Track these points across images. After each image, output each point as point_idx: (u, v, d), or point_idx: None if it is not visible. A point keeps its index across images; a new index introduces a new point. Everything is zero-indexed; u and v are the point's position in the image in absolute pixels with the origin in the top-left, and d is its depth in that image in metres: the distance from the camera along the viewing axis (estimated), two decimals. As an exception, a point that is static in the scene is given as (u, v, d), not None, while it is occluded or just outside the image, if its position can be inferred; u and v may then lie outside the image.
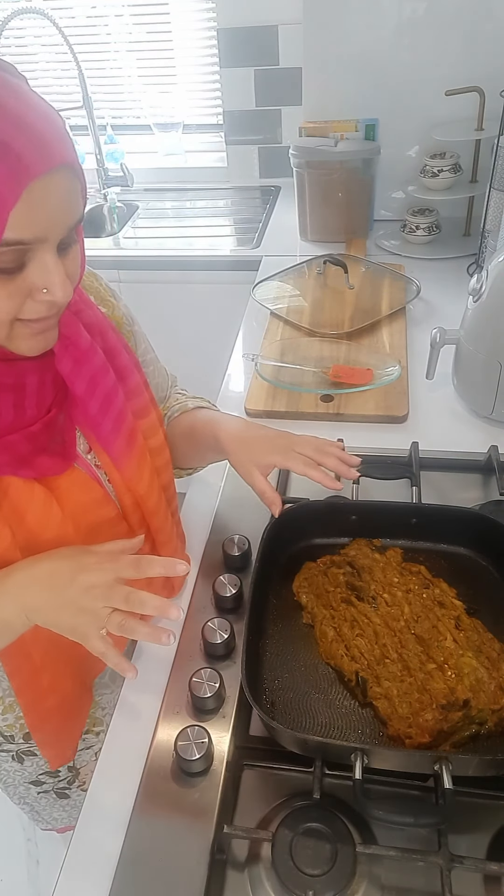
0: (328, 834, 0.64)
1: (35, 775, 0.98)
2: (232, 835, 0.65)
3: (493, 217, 1.46)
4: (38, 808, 1.06)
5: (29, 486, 0.66)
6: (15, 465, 0.64)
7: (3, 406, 0.63)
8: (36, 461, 0.66)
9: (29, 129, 0.51)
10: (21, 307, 0.57)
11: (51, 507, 0.67)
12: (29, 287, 0.56)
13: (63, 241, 0.57)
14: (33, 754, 0.93)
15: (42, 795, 1.02)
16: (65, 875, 0.66)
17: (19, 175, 0.50)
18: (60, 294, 0.56)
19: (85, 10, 2.14)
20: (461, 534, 0.90)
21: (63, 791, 1.02)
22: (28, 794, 1.02)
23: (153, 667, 0.82)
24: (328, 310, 1.50)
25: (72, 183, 0.55)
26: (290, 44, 1.92)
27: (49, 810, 1.06)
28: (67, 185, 0.54)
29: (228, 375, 1.36)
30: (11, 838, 1.51)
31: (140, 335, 0.90)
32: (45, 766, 0.96)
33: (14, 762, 0.94)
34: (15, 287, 0.55)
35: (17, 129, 0.50)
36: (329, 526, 0.93)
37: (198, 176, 2.28)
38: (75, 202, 0.56)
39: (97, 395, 0.71)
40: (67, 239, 0.57)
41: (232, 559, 0.91)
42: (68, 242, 0.58)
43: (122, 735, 0.77)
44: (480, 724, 0.71)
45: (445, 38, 1.65)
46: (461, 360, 1.18)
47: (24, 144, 0.50)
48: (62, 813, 1.07)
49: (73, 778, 1.00)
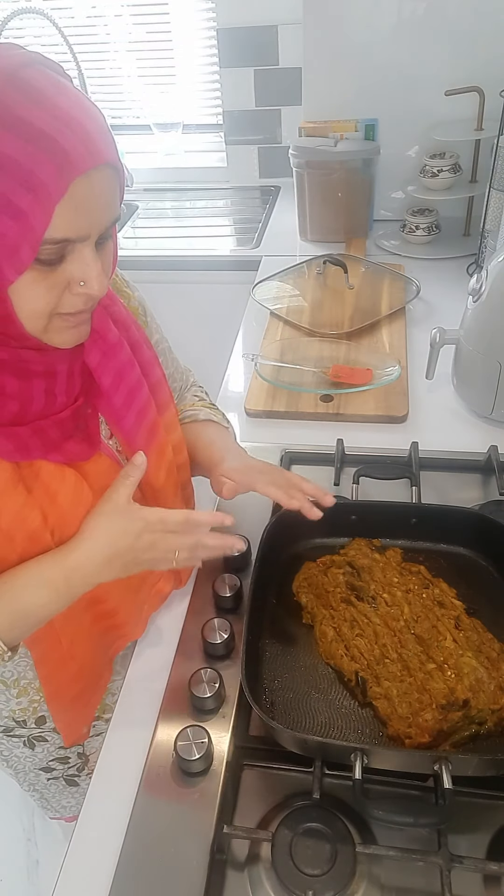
0: (328, 834, 0.64)
1: (45, 762, 0.98)
2: (232, 835, 0.65)
3: (492, 217, 1.46)
4: (47, 796, 1.07)
5: (60, 469, 0.68)
6: (45, 450, 0.66)
7: (35, 392, 0.64)
8: (64, 446, 0.68)
9: (77, 126, 0.52)
10: (59, 300, 0.58)
11: (82, 489, 0.69)
12: (67, 280, 0.57)
13: (101, 237, 0.58)
14: (44, 740, 0.94)
15: (52, 782, 1.03)
16: (65, 875, 0.66)
17: (66, 170, 0.51)
18: (97, 287, 0.58)
19: (85, 10, 2.14)
20: (461, 534, 0.91)
21: (72, 778, 1.03)
22: (38, 781, 1.03)
23: (153, 667, 0.82)
24: (328, 310, 1.50)
25: (113, 181, 0.57)
26: (289, 44, 1.92)
27: (58, 798, 1.08)
28: (110, 183, 0.56)
29: (228, 375, 1.36)
30: (11, 839, 1.51)
31: (154, 325, 0.91)
32: (55, 752, 0.97)
33: (25, 748, 0.95)
34: (55, 280, 0.57)
35: (66, 125, 0.52)
36: (329, 526, 0.92)
37: (197, 176, 2.27)
38: (115, 200, 0.58)
39: (122, 389, 0.74)
40: (105, 235, 0.59)
41: (232, 560, 0.91)
42: (105, 237, 0.59)
43: (121, 735, 0.77)
44: (480, 723, 0.71)
45: (445, 38, 1.65)
46: (461, 360, 1.18)
47: (71, 141, 0.51)
48: (71, 800, 1.09)
49: (83, 765, 1.01)
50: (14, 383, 0.63)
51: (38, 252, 0.54)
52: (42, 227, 0.52)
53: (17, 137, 0.50)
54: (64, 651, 0.77)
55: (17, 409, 0.64)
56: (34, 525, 0.66)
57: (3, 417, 0.64)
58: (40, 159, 0.50)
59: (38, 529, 0.66)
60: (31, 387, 0.64)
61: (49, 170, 0.51)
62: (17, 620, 0.66)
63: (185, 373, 1.02)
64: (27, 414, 0.65)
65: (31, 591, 0.66)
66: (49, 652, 0.76)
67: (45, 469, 0.67)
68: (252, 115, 2.10)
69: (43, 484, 0.66)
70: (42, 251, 0.54)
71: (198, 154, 2.31)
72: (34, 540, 0.66)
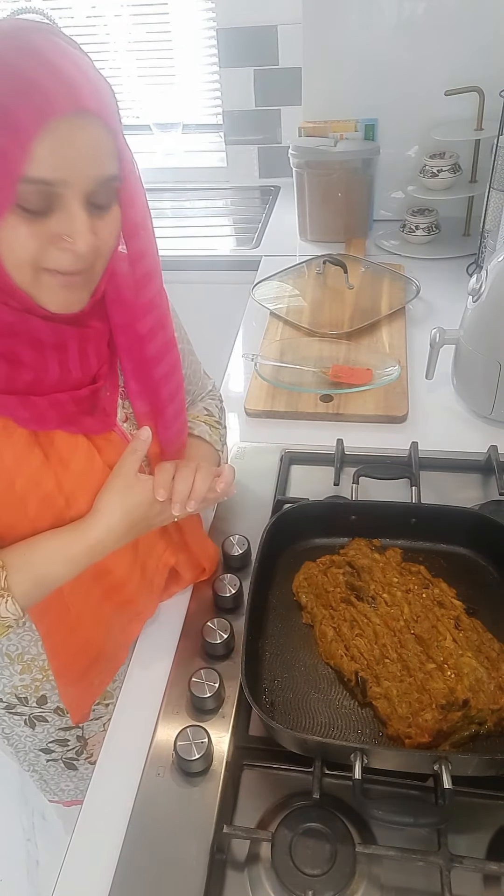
0: (328, 834, 0.64)
1: (45, 743, 0.99)
2: (232, 835, 0.65)
3: (492, 217, 1.46)
4: (46, 778, 1.08)
5: (73, 437, 0.70)
6: (60, 422, 0.68)
7: (49, 363, 0.66)
8: (80, 420, 0.70)
9: (58, 71, 0.53)
10: (45, 254, 0.59)
11: (93, 457, 0.72)
12: (53, 233, 0.58)
13: (94, 198, 0.58)
14: (45, 720, 0.95)
15: (51, 764, 1.04)
16: (65, 875, 0.66)
17: (43, 109, 0.52)
18: (82, 244, 0.58)
19: (84, 10, 2.13)
20: (461, 534, 0.91)
21: (71, 761, 1.04)
22: (38, 762, 1.04)
23: (153, 667, 0.82)
24: (328, 310, 1.50)
25: (100, 133, 0.57)
26: (289, 44, 1.92)
27: (57, 780, 1.08)
28: (95, 134, 0.56)
29: (228, 375, 1.36)
30: (11, 838, 1.51)
31: (177, 323, 0.89)
32: (55, 733, 0.97)
33: (26, 727, 0.96)
34: (39, 230, 0.57)
35: (46, 69, 0.53)
36: (329, 526, 0.93)
37: (197, 176, 2.27)
38: (105, 155, 0.58)
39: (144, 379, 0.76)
40: (100, 197, 0.59)
41: (232, 559, 0.91)
42: (102, 204, 0.60)
43: (121, 734, 0.77)
44: (480, 723, 0.71)
45: (445, 38, 1.65)
46: (461, 360, 1.18)
47: (51, 83, 0.53)
48: (69, 784, 1.09)
49: (82, 749, 1.02)
50: (28, 353, 0.64)
51: (17, 191, 0.54)
52: (19, 165, 0.53)
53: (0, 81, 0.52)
54: (72, 623, 0.78)
55: (32, 378, 0.65)
56: (48, 489, 0.68)
57: (19, 385, 0.65)
58: (18, 99, 0.52)
59: (51, 493, 0.68)
60: (44, 358, 0.65)
61: (26, 109, 0.52)
62: (36, 588, 0.68)
63: (203, 379, 1.01)
64: (42, 384, 0.66)
65: (55, 565, 0.68)
66: (57, 624, 0.78)
67: (59, 437, 0.69)
68: (252, 115, 2.10)
69: (57, 450, 0.69)
70: (23, 196, 0.55)
71: (198, 154, 2.31)
72: (47, 504, 0.68)
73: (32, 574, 0.67)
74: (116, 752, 0.75)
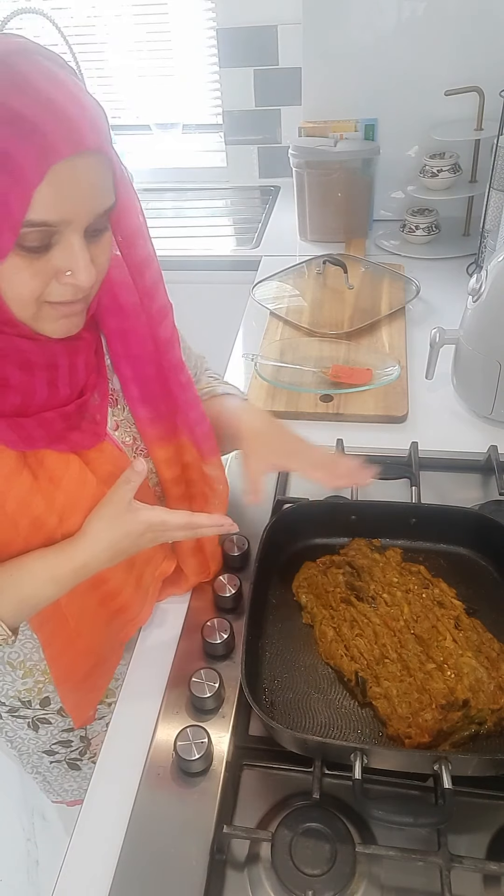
0: (328, 834, 0.64)
1: (49, 744, 0.99)
2: (231, 835, 0.65)
3: (492, 217, 1.46)
4: (49, 779, 1.08)
5: (64, 456, 0.69)
6: (49, 440, 0.68)
7: (38, 384, 0.65)
8: (69, 436, 0.69)
9: (58, 111, 0.52)
10: (46, 288, 0.59)
11: (85, 475, 0.71)
12: (54, 269, 0.58)
13: (92, 227, 0.58)
14: (48, 722, 0.95)
15: (54, 765, 1.04)
16: (65, 875, 0.66)
17: (45, 154, 0.51)
18: (83, 278, 0.58)
19: (84, 10, 2.13)
20: (461, 534, 0.91)
21: (74, 762, 1.04)
22: (41, 764, 1.04)
23: (153, 667, 0.82)
24: (328, 310, 1.50)
25: (100, 168, 0.56)
26: (289, 44, 1.92)
27: (60, 781, 1.08)
28: (96, 171, 0.56)
29: (228, 375, 1.36)
30: (11, 838, 1.51)
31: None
32: (58, 735, 0.98)
33: (29, 730, 0.96)
34: (41, 267, 0.57)
35: (46, 109, 0.52)
36: (329, 526, 0.93)
37: (197, 176, 2.27)
38: (104, 189, 0.58)
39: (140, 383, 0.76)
40: (97, 225, 0.59)
41: (232, 559, 0.91)
42: (98, 229, 0.59)
43: (121, 734, 0.77)
44: (480, 723, 0.71)
45: (445, 38, 1.65)
46: (461, 360, 1.18)
47: (51, 125, 0.52)
48: (73, 784, 1.10)
49: (85, 749, 1.02)
50: (17, 375, 0.63)
51: (18, 236, 0.54)
52: (21, 211, 0.53)
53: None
54: (71, 631, 0.78)
55: (20, 400, 0.65)
56: (39, 510, 0.67)
57: (6, 408, 0.64)
58: (18, 143, 0.51)
59: (42, 515, 0.67)
60: (33, 379, 0.65)
61: (27, 153, 0.51)
62: (22, 608, 0.68)
63: (198, 359, 1.01)
64: (30, 405, 0.66)
65: (40, 584, 0.68)
66: (56, 633, 0.78)
67: (49, 456, 0.68)
68: (252, 115, 2.10)
69: (47, 470, 0.68)
70: (24, 236, 0.54)
71: (198, 154, 2.31)
72: (38, 525, 0.68)
73: (18, 595, 0.67)
74: (116, 751, 0.75)
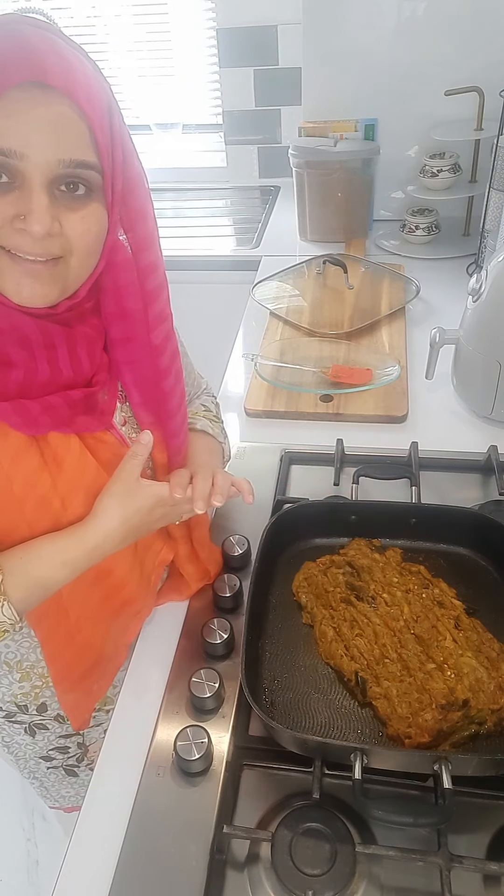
0: (328, 834, 0.64)
1: (45, 750, 0.99)
2: (231, 835, 0.65)
3: (492, 217, 1.46)
4: (46, 785, 1.08)
5: (66, 437, 0.69)
6: (54, 425, 0.68)
7: (38, 362, 0.65)
8: (74, 420, 0.70)
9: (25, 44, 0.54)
10: (2, 231, 0.58)
11: (86, 457, 0.71)
12: (12, 211, 0.57)
13: (61, 180, 0.57)
14: (45, 728, 0.94)
15: (51, 771, 1.04)
16: (65, 875, 0.66)
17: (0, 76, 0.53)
18: (37, 226, 0.56)
19: (84, 10, 2.13)
20: (461, 534, 0.91)
21: (72, 768, 1.04)
22: (38, 769, 1.04)
23: (153, 667, 0.82)
24: (328, 310, 1.50)
25: (67, 113, 0.55)
26: (289, 44, 1.92)
27: (57, 787, 1.08)
28: (59, 111, 0.55)
29: (228, 375, 1.36)
30: (11, 838, 1.51)
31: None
32: (55, 741, 0.97)
33: (26, 735, 0.95)
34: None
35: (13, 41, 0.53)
36: (329, 526, 0.93)
37: (197, 176, 2.27)
38: (72, 136, 0.56)
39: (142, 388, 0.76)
40: (68, 179, 0.57)
41: (232, 559, 0.91)
42: (73, 187, 0.58)
43: (121, 734, 0.77)
44: (480, 723, 0.71)
45: (445, 38, 1.65)
46: (460, 360, 1.18)
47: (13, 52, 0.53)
48: (70, 790, 1.09)
49: (83, 755, 1.02)
50: (16, 351, 0.63)
51: None
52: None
53: None
54: (71, 626, 0.78)
55: (22, 377, 0.65)
56: (44, 490, 0.67)
57: (10, 385, 0.64)
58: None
59: (47, 495, 0.68)
60: (34, 357, 0.64)
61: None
62: (33, 592, 0.68)
63: (197, 379, 1.01)
64: (33, 384, 0.66)
65: (51, 568, 0.68)
66: (56, 628, 0.77)
67: (53, 436, 0.68)
68: (252, 115, 2.10)
69: (52, 450, 0.68)
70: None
71: (198, 154, 2.31)
72: (44, 506, 0.68)
73: (30, 578, 0.67)
74: (116, 751, 0.75)
